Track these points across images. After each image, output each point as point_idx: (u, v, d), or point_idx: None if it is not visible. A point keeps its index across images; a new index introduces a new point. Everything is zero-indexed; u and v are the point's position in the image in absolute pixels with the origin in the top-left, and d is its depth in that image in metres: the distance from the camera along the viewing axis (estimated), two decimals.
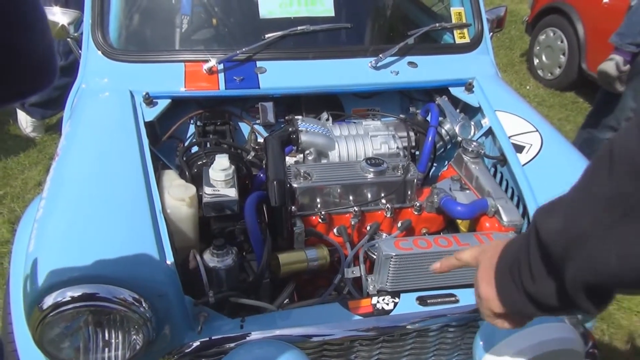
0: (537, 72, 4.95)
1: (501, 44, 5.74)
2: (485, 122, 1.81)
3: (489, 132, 1.78)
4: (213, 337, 1.24)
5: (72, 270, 1.13)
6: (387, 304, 1.33)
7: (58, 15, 1.80)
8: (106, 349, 1.19)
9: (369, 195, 1.52)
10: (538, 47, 4.93)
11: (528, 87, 4.81)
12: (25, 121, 3.45)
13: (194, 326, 1.24)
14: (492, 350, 1.11)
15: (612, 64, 2.67)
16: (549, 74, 4.81)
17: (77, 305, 1.10)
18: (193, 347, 1.24)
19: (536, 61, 4.96)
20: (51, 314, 1.10)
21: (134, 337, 1.18)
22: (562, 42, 4.58)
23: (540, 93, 4.71)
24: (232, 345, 1.22)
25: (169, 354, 1.25)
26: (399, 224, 1.55)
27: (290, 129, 1.59)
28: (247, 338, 1.22)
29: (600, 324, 2.37)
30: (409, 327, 1.31)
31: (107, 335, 1.18)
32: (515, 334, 1.09)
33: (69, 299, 1.10)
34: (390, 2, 2.23)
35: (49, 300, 1.10)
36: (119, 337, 1.18)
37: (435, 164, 1.86)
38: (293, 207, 1.45)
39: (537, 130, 1.68)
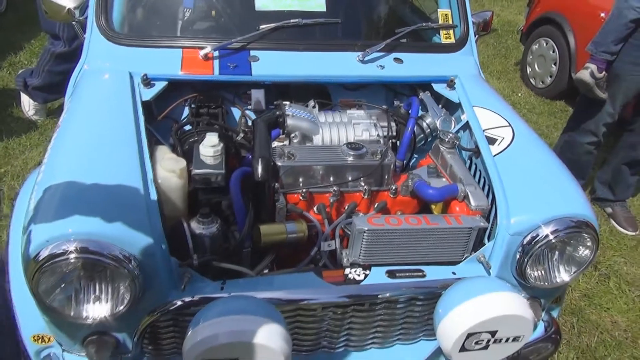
0: (529, 80, 5.06)
1: (497, 52, 5.87)
2: (464, 117, 1.92)
3: (467, 126, 1.88)
4: (195, 297, 1.34)
5: (67, 225, 1.23)
6: (359, 275, 1.43)
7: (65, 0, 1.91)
8: (96, 302, 1.29)
9: (349, 177, 1.62)
10: (531, 56, 5.05)
11: (519, 95, 4.92)
12: (28, 104, 3.55)
13: (178, 285, 1.35)
14: (449, 314, 1.22)
15: (587, 72, 2.79)
16: (541, 83, 4.93)
17: (70, 257, 1.20)
18: (177, 305, 1.34)
19: (529, 70, 5.08)
20: (46, 265, 1.19)
21: (122, 292, 1.27)
22: (554, 52, 4.70)
23: (531, 100, 4.82)
24: None
25: (153, 311, 1.35)
26: (375, 205, 1.66)
27: (277, 113, 1.70)
28: None
29: (570, 317, 2.47)
30: (378, 296, 1.42)
31: (97, 288, 1.28)
32: (469, 300, 1.19)
33: (63, 251, 1.20)
34: (380, 0, 2.35)
35: (44, 253, 1.19)
36: (108, 291, 1.28)
37: (415, 155, 1.97)
38: (276, 184, 1.55)
39: (509, 125, 1.78)
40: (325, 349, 1.56)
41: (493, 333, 1.24)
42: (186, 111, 1.90)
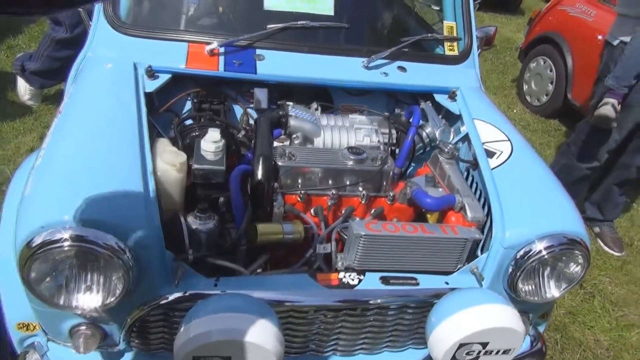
0: (525, 98, 5.12)
1: (495, 68, 5.94)
2: (464, 129, 1.93)
3: (466, 138, 1.90)
4: (188, 292, 1.34)
5: (63, 212, 1.21)
6: (353, 280, 1.44)
7: None
8: (87, 292, 1.27)
9: (348, 181, 1.63)
10: (528, 74, 5.10)
11: (515, 111, 4.97)
12: (23, 89, 3.52)
13: (171, 280, 1.34)
14: (441, 324, 1.23)
15: (609, 108, 2.79)
16: (536, 101, 4.98)
17: (65, 245, 1.18)
18: (169, 299, 1.33)
19: (525, 87, 5.13)
20: (39, 252, 1.17)
21: (115, 283, 1.26)
22: (551, 70, 4.76)
23: (526, 118, 4.87)
24: None
25: (144, 304, 1.34)
26: (372, 211, 1.66)
27: (280, 113, 1.70)
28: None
29: (554, 333, 2.50)
30: (371, 302, 1.42)
31: (89, 278, 1.26)
32: (463, 310, 1.20)
33: (57, 238, 1.18)
34: (387, 8, 2.37)
35: (38, 239, 1.17)
36: (100, 282, 1.26)
37: (413, 164, 1.98)
38: (275, 184, 1.56)
39: (508, 140, 1.80)
40: (313, 352, 1.56)
41: (484, 344, 1.25)
42: (188, 105, 1.89)
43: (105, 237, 1.21)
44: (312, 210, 1.62)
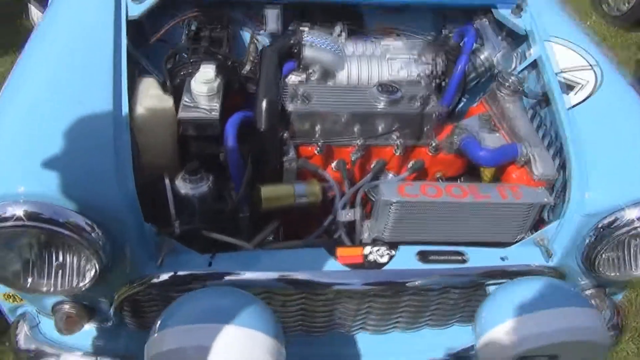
0: (601, 6, 4.44)
1: None
2: (531, 53, 1.53)
3: (534, 65, 1.50)
4: (177, 272, 1.10)
5: (16, 182, 0.98)
6: (382, 256, 1.15)
7: None
8: (58, 274, 1.06)
9: (378, 128, 1.31)
10: None
11: (588, 23, 4.33)
12: (37, 16, 3.27)
13: (156, 257, 1.10)
14: (497, 327, 0.92)
15: None
16: (615, 10, 4.31)
17: (17, 225, 0.97)
18: (153, 281, 1.11)
19: None
20: None
21: (84, 265, 1.04)
22: None
23: (602, 30, 4.27)
24: (196, 284, 1.08)
25: (131, 282, 1.12)
26: (410, 165, 1.36)
27: (292, 41, 1.35)
28: (211, 281, 1.07)
29: (630, 292, 2.17)
30: (407, 284, 1.14)
31: (57, 258, 1.05)
32: (529, 315, 0.89)
33: (9, 215, 0.96)
34: None
35: None
36: (73, 262, 1.05)
37: (464, 98, 1.62)
38: (285, 134, 1.25)
39: (593, 68, 1.39)
40: (338, 328, 1.32)
41: (553, 357, 0.95)
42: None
43: (66, 213, 0.99)
44: (332, 165, 1.31)
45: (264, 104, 1.17)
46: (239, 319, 0.88)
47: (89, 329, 1.29)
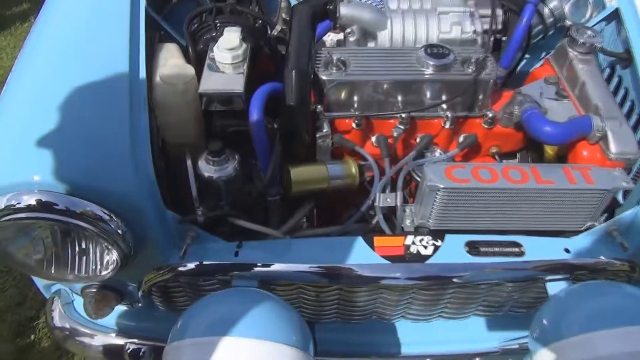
0: None
1: None
2: (611, 2, 1.29)
3: (614, 16, 1.28)
4: (201, 263, 1.02)
5: (30, 171, 0.90)
6: (425, 247, 1.02)
7: None
8: (82, 260, 1.01)
9: (425, 98, 1.14)
10: None
11: None
12: None
13: (179, 247, 1.02)
14: (562, 342, 0.79)
15: None
16: None
17: (31, 216, 0.90)
18: (178, 271, 1.03)
19: None
20: (3, 219, 0.90)
21: (104, 255, 0.98)
22: None
23: None
24: (220, 275, 1.01)
25: (158, 269, 1.06)
26: (461, 139, 1.19)
27: None
28: (235, 273, 0.98)
29: None
30: (454, 280, 1.01)
31: (79, 245, 0.99)
32: (597, 332, 0.75)
33: (24, 206, 0.90)
34: None
35: (0, 203, 0.90)
36: (96, 250, 0.99)
37: (526, 56, 1.40)
38: (319, 107, 1.11)
39: None
40: (377, 318, 1.23)
41: None
42: None
43: (81, 203, 0.91)
44: (372, 140, 1.17)
45: (293, 75, 1.02)
46: (265, 331, 0.79)
47: (121, 310, 1.27)
